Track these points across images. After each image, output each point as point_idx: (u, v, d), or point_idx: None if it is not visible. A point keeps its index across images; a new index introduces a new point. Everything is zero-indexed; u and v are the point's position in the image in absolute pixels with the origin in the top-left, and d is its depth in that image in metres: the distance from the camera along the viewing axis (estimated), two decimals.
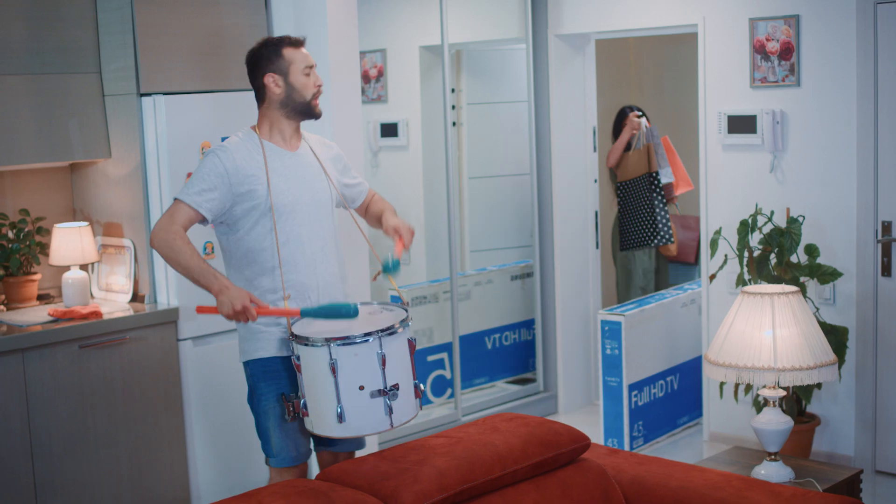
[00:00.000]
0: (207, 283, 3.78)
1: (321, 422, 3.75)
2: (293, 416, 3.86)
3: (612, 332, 6.09)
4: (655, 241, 7.15)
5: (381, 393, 3.68)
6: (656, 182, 7.13)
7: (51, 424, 4.68)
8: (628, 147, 7.19)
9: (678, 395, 6.52)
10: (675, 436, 6.47)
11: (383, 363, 3.68)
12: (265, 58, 4.00)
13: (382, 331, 3.69)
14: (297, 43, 4.04)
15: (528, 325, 7.16)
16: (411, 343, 3.82)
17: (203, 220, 3.90)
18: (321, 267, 4.03)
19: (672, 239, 7.18)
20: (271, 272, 3.94)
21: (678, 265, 7.36)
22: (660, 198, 7.13)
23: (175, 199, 3.88)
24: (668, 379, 6.43)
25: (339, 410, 3.67)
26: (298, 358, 3.76)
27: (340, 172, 4.21)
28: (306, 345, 3.70)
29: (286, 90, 3.98)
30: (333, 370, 3.65)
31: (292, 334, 3.77)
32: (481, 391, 7.03)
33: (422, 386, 3.89)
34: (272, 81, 3.98)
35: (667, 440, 6.40)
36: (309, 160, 4.07)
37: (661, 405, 6.36)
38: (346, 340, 3.66)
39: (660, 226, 7.13)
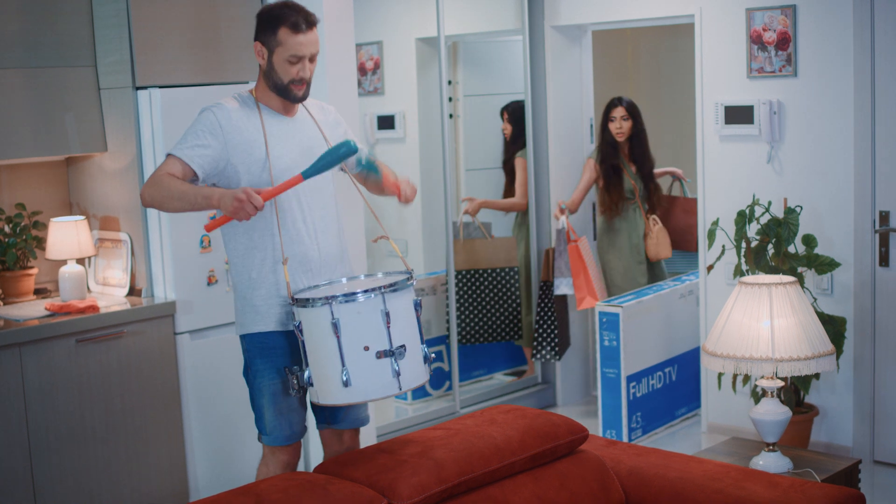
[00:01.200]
0: (207, 196, 3.64)
1: (326, 390, 3.61)
2: (298, 390, 3.75)
3: (609, 323, 6.08)
4: (538, 356, 6.82)
5: (388, 353, 3.55)
6: (549, 291, 6.78)
7: (48, 418, 4.68)
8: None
9: (676, 386, 6.52)
10: (673, 427, 6.47)
11: (388, 321, 3.56)
12: (262, 25, 3.88)
13: (386, 287, 3.57)
14: (297, 28, 3.86)
15: None
16: (417, 309, 3.70)
17: (194, 177, 3.77)
18: (322, 236, 3.94)
19: (560, 355, 6.82)
20: (271, 239, 3.84)
21: (681, 253, 7.24)
22: (550, 308, 6.77)
23: (167, 154, 3.78)
24: (667, 370, 6.43)
25: (344, 374, 3.54)
26: (300, 324, 3.63)
27: (340, 137, 4.08)
28: (307, 306, 3.60)
29: (268, 67, 3.88)
30: (336, 330, 3.53)
31: (293, 298, 3.66)
32: (479, 383, 7.03)
33: (432, 354, 3.74)
34: (258, 50, 3.88)
35: (665, 431, 6.40)
36: (307, 125, 3.99)
37: (659, 396, 6.36)
38: (348, 297, 3.54)
39: (549, 338, 6.79)
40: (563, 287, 6.59)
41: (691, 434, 6.38)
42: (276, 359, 3.88)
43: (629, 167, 6.74)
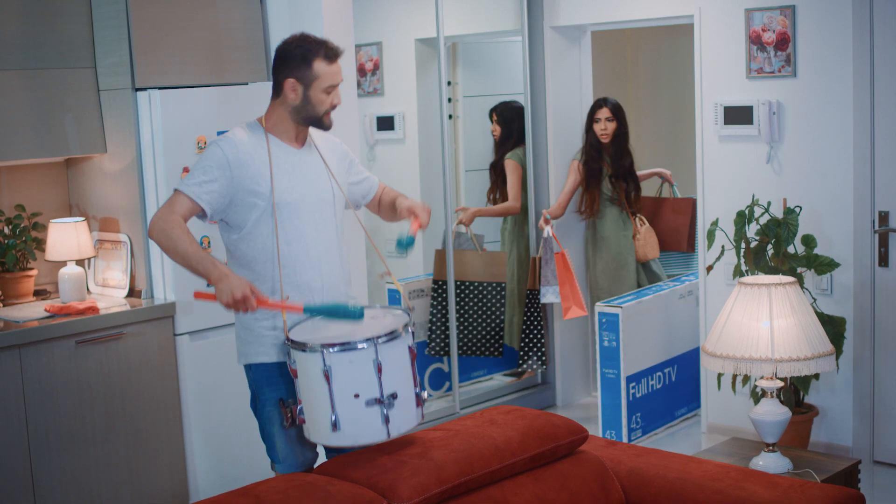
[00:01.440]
0: (206, 271, 3.65)
1: (316, 429, 3.64)
2: (291, 423, 3.77)
3: (609, 324, 6.08)
4: (524, 366, 6.83)
5: (377, 402, 3.56)
6: (536, 300, 6.76)
7: (48, 420, 4.68)
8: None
9: (676, 386, 6.51)
10: (673, 427, 6.47)
11: (379, 371, 3.56)
12: (294, 61, 3.82)
13: (379, 337, 3.58)
14: (332, 57, 3.84)
15: None
16: (412, 350, 3.69)
17: (202, 214, 3.78)
18: (325, 268, 3.93)
19: (546, 364, 6.85)
20: (272, 272, 3.84)
21: (670, 254, 7.20)
22: (537, 317, 6.77)
23: (175, 189, 3.77)
24: (666, 370, 6.42)
25: (333, 418, 3.56)
26: (294, 363, 3.66)
27: (346, 171, 4.09)
28: (301, 350, 3.61)
29: (302, 101, 3.84)
30: (327, 377, 3.55)
31: (288, 339, 3.67)
32: (479, 384, 7.03)
33: (425, 394, 3.74)
34: (291, 88, 3.83)
35: (665, 432, 6.40)
36: (314, 159, 3.96)
37: (659, 397, 6.36)
38: (341, 347, 3.55)
39: (534, 348, 6.78)
40: (549, 295, 6.56)
41: (691, 434, 6.38)
42: (283, 387, 3.87)
43: (608, 168, 6.74)
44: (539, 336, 6.75)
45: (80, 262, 5.18)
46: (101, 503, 4.86)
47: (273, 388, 3.88)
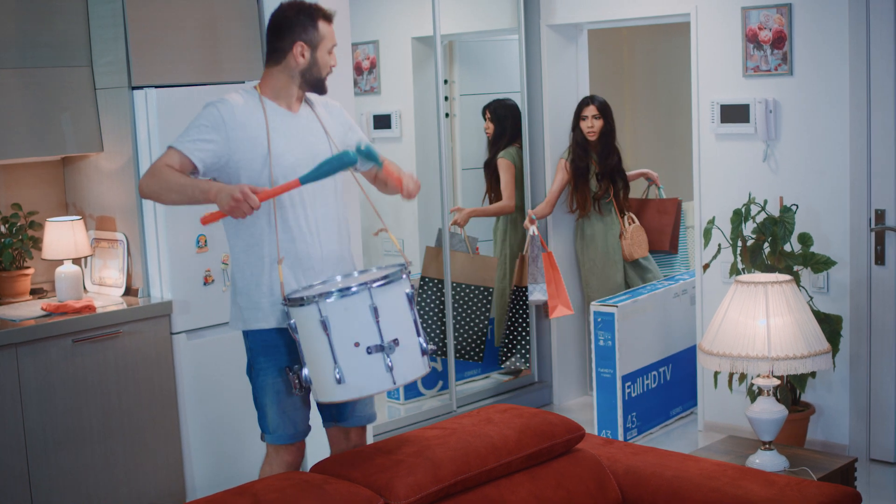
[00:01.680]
0: (205, 191, 3.66)
1: (322, 388, 3.62)
2: (299, 388, 3.74)
3: (605, 323, 6.08)
4: (507, 363, 6.86)
5: (379, 348, 3.55)
6: (522, 297, 6.78)
7: (45, 419, 4.68)
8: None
9: (671, 385, 6.51)
10: (668, 426, 6.47)
11: (377, 316, 3.55)
12: (299, 24, 3.86)
13: (373, 281, 3.57)
14: (329, 18, 3.92)
15: None
16: (410, 298, 3.67)
17: (194, 170, 3.77)
18: (325, 235, 3.92)
19: (530, 363, 6.86)
20: (269, 237, 3.83)
21: (653, 253, 7.17)
22: (523, 315, 6.78)
23: (168, 146, 3.77)
24: (661, 370, 6.42)
25: (336, 372, 3.55)
26: (294, 324, 3.64)
27: (345, 134, 4.08)
28: (296, 306, 3.59)
29: (309, 63, 3.88)
30: (325, 327, 3.53)
31: (285, 299, 3.66)
32: (475, 382, 7.03)
33: (431, 346, 3.72)
34: (300, 51, 3.86)
35: (660, 431, 6.40)
36: (311, 122, 3.97)
37: (654, 396, 6.36)
38: (336, 294, 3.53)
39: (518, 346, 6.81)
40: (536, 293, 6.55)
41: (688, 433, 6.38)
42: (278, 357, 3.87)
43: (595, 166, 6.73)
44: (523, 334, 6.74)
45: (76, 261, 5.18)
46: (98, 502, 4.86)
47: (269, 357, 3.87)
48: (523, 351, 6.78)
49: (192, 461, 5.15)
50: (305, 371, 3.68)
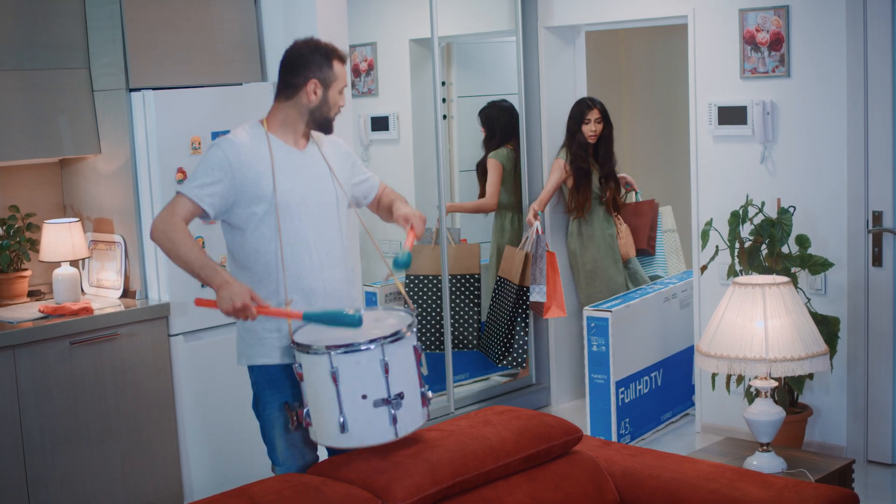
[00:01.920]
0: (208, 278, 3.68)
1: (323, 431, 3.64)
2: (297, 426, 3.77)
3: (598, 328, 6.00)
4: (504, 362, 6.79)
5: (385, 402, 3.57)
6: (524, 298, 6.70)
7: (42, 421, 4.67)
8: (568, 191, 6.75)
9: (662, 390, 6.47)
10: (661, 430, 6.43)
11: (386, 371, 3.57)
12: (315, 63, 3.88)
13: (385, 338, 3.59)
14: (344, 59, 3.95)
15: None
16: (417, 350, 3.70)
17: (204, 215, 3.80)
18: (328, 271, 3.94)
19: (524, 364, 6.78)
20: (276, 274, 3.85)
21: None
22: (523, 315, 6.70)
23: (177, 192, 3.79)
24: (653, 374, 6.38)
25: (341, 420, 3.56)
26: (300, 366, 3.66)
27: (349, 172, 4.10)
28: (307, 352, 3.61)
29: (321, 101, 3.90)
30: (335, 379, 3.55)
31: (293, 342, 3.67)
32: (474, 384, 7.02)
33: (430, 394, 3.74)
34: (313, 89, 3.87)
35: (652, 436, 6.36)
36: (316, 160, 3.97)
37: (646, 401, 6.32)
38: (348, 348, 3.55)
39: (515, 346, 6.72)
40: (535, 294, 6.51)
41: (685, 434, 6.38)
42: (284, 390, 3.88)
43: (596, 168, 6.74)
44: (524, 336, 6.72)
45: (74, 263, 5.17)
46: None
47: (274, 391, 3.89)
48: (523, 350, 6.73)
49: (189, 463, 5.15)
50: (307, 410, 3.69)
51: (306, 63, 3.88)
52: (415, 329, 3.71)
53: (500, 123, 6.97)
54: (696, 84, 6.16)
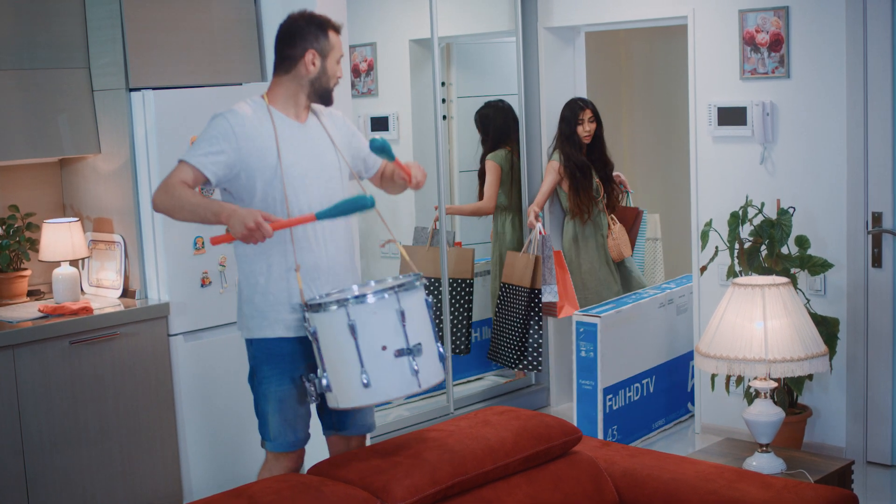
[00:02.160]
0: (216, 213, 3.67)
1: (345, 393, 3.62)
2: (317, 397, 3.74)
3: (587, 334, 5.92)
4: (520, 366, 6.69)
5: (406, 352, 3.57)
6: (536, 300, 6.61)
7: (42, 420, 4.67)
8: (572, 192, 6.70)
9: (654, 397, 6.38)
10: (650, 439, 6.36)
11: (403, 320, 3.58)
12: (311, 33, 3.90)
13: (399, 286, 3.60)
14: (339, 29, 3.98)
15: None
16: (428, 305, 3.72)
17: (206, 182, 3.79)
18: (332, 245, 3.94)
19: (540, 367, 6.66)
20: (281, 245, 3.84)
21: None
22: (536, 318, 6.60)
23: (179, 160, 3.78)
24: (644, 381, 6.29)
25: (363, 376, 3.55)
26: (315, 330, 3.64)
27: (350, 143, 4.11)
28: (320, 311, 3.60)
29: (319, 72, 3.91)
30: (353, 332, 3.55)
31: (305, 304, 3.67)
32: (472, 384, 7.03)
33: (443, 350, 3.75)
34: (311, 59, 3.89)
35: (641, 444, 6.33)
36: (317, 132, 3.99)
37: (636, 408, 6.22)
38: (362, 298, 3.55)
39: (529, 349, 6.63)
40: (547, 294, 6.50)
41: (685, 435, 6.38)
42: (283, 365, 3.88)
43: (592, 169, 6.72)
44: (539, 339, 6.65)
45: (73, 263, 5.17)
46: (95, 503, 4.87)
47: (272, 366, 3.88)
48: (538, 353, 6.64)
49: (189, 463, 5.15)
50: (326, 378, 3.67)
51: (303, 34, 3.91)
52: (424, 282, 3.71)
53: (494, 124, 6.95)
54: (695, 85, 6.17)
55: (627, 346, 6.15)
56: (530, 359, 6.67)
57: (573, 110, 6.71)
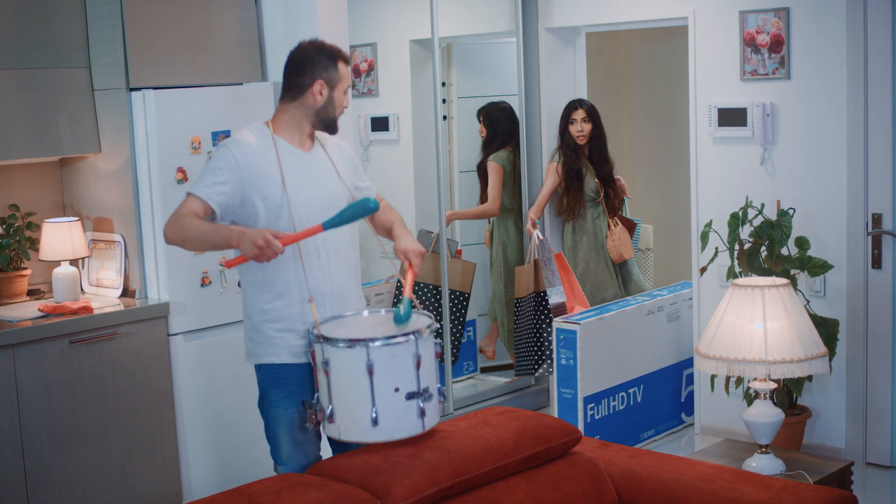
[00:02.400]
0: (227, 237, 3.71)
1: (352, 427, 3.65)
2: (315, 425, 3.79)
3: (567, 341, 5.81)
4: (540, 370, 6.64)
5: (415, 395, 3.62)
6: (544, 302, 6.55)
7: (41, 420, 4.68)
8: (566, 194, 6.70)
9: (641, 407, 6.20)
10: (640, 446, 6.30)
11: (418, 365, 3.63)
12: (321, 63, 3.93)
13: (419, 331, 3.65)
14: (348, 60, 4.01)
15: None
16: (437, 353, 3.77)
17: (213, 215, 3.82)
18: (335, 272, 3.97)
19: (548, 370, 6.57)
20: (285, 274, 3.87)
21: None
22: (547, 320, 6.50)
23: (187, 192, 3.82)
24: (631, 391, 6.13)
25: (374, 414, 3.59)
26: (327, 363, 3.66)
27: (352, 174, 4.13)
28: (339, 346, 3.63)
29: (326, 101, 3.94)
30: (370, 371, 3.58)
31: (322, 337, 3.68)
32: (471, 380, 7.03)
33: (444, 389, 3.81)
34: (319, 89, 3.92)
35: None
36: (322, 161, 4.01)
37: (621, 418, 6.06)
38: (388, 341, 3.60)
39: (547, 352, 6.55)
40: (554, 295, 6.47)
41: (684, 436, 6.38)
42: (290, 388, 3.90)
43: (591, 168, 6.71)
44: (547, 339, 6.60)
45: (73, 262, 5.18)
46: (95, 503, 4.86)
47: (281, 390, 3.91)
48: (549, 354, 6.58)
49: (189, 462, 5.15)
50: (330, 408, 3.69)
51: (312, 64, 3.93)
52: (435, 327, 3.75)
53: (501, 126, 6.96)
54: (696, 85, 6.17)
55: (611, 354, 5.98)
56: (550, 361, 6.59)
57: (567, 110, 6.74)
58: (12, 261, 5.10)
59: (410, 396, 3.62)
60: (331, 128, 4.01)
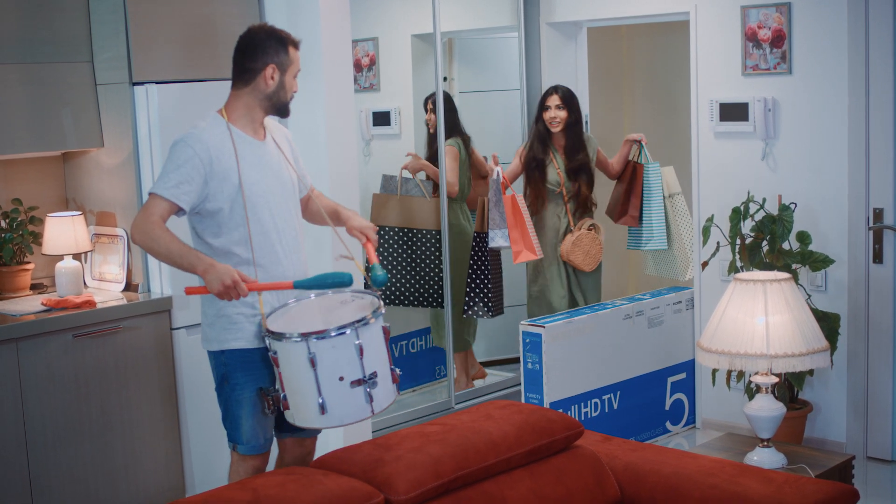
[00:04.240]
0: (192, 265, 3.76)
1: (303, 414, 3.77)
2: (273, 410, 3.90)
3: (532, 344, 5.63)
4: (470, 312, 6.33)
5: (361, 382, 3.72)
6: (482, 244, 6.26)
7: (45, 414, 4.68)
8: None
9: (619, 415, 5.99)
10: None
11: (361, 353, 3.71)
12: (272, 48, 3.97)
13: (358, 322, 3.71)
14: (297, 45, 4.05)
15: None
16: (386, 330, 3.84)
17: (180, 211, 3.86)
18: (295, 258, 4.05)
19: (492, 312, 6.28)
20: (247, 265, 3.93)
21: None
22: (482, 262, 6.23)
23: (150, 193, 3.83)
24: (606, 397, 5.91)
25: (320, 402, 3.70)
26: (276, 353, 3.76)
27: (297, 162, 4.21)
28: (282, 340, 3.72)
29: (277, 86, 3.99)
30: (313, 363, 3.68)
31: (268, 330, 3.78)
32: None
33: (397, 371, 3.88)
34: (271, 73, 3.96)
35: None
36: (274, 150, 4.07)
37: (594, 425, 5.83)
38: (324, 335, 3.68)
39: (480, 294, 6.28)
40: (497, 239, 6.09)
41: (686, 430, 6.39)
42: (256, 372, 3.96)
43: (559, 159, 6.36)
44: (486, 282, 6.30)
45: (76, 256, 5.18)
46: (98, 497, 4.87)
47: (248, 374, 3.96)
48: (485, 299, 6.31)
49: (191, 456, 5.16)
50: (283, 394, 3.80)
51: (264, 48, 3.97)
52: (382, 312, 3.82)
53: (451, 115, 6.69)
54: (697, 80, 6.17)
55: (580, 360, 5.77)
56: (479, 306, 6.32)
57: (542, 95, 6.41)
58: (15, 255, 5.10)
59: (356, 384, 3.72)
60: (283, 111, 4.06)
